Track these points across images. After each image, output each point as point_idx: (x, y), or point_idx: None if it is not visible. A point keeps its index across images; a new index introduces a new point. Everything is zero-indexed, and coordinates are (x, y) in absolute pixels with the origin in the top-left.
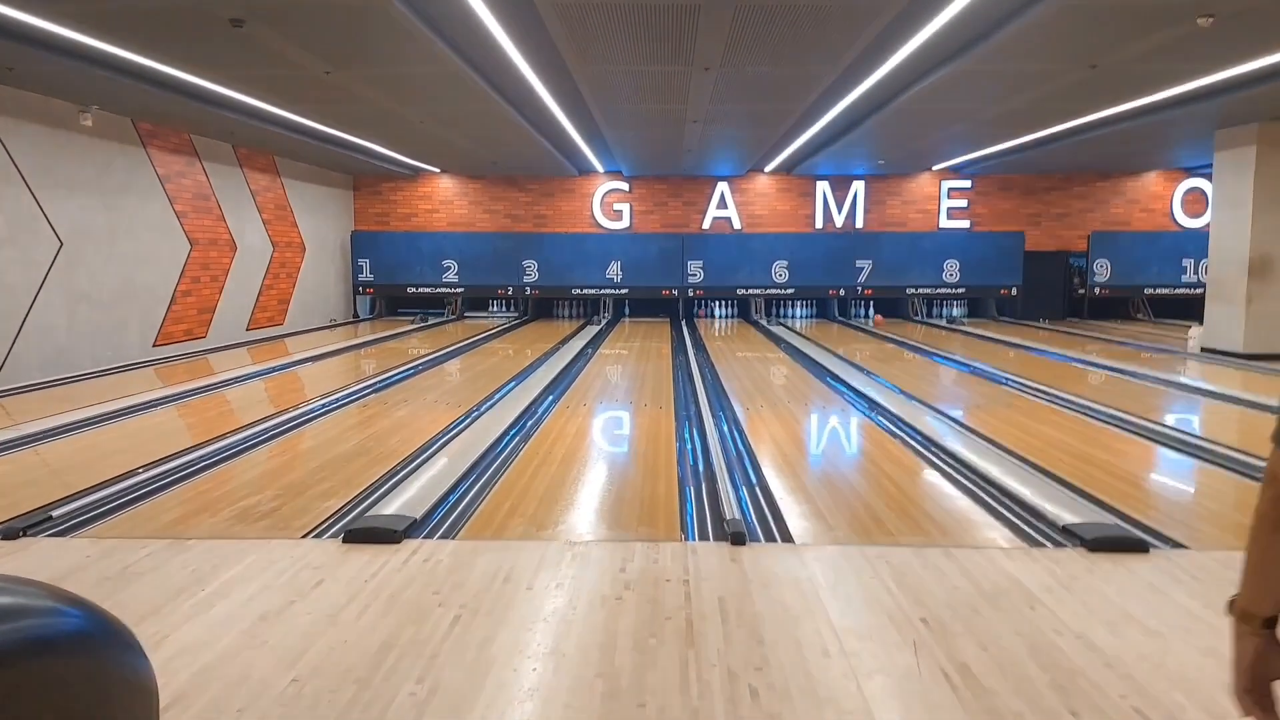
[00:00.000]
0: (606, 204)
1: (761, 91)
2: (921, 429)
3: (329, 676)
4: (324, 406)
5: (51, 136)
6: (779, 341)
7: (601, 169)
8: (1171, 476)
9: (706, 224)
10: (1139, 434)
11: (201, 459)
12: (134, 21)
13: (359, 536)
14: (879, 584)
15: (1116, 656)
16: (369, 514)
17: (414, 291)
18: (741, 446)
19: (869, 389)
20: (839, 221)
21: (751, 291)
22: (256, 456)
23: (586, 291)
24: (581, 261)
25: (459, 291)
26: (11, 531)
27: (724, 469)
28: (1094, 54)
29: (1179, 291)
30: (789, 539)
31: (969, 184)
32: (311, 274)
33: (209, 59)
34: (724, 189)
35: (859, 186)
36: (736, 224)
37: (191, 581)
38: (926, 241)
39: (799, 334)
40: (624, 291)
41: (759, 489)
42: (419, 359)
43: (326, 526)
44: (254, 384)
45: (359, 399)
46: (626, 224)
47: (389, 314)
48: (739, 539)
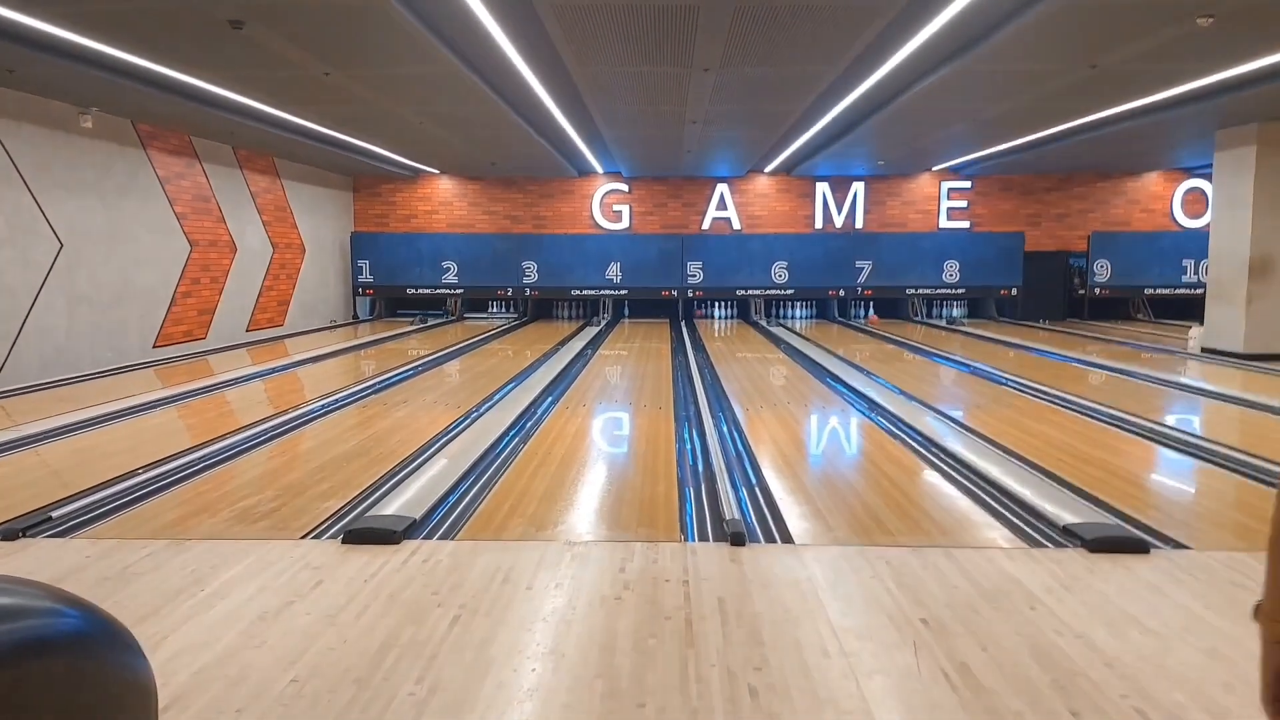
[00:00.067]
0: (606, 205)
1: (761, 92)
2: (921, 429)
3: (328, 677)
4: (323, 407)
5: (51, 138)
6: (779, 342)
7: (601, 170)
8: (1172, 477)
9: (706, 225)
10: (1139, 434)
11: (201, 460)
12: (133, 23)
13: (358, 537)
14: (879, 584)
15: (1117, 656)
16: (368, 514)
17: (413, 293)
18: (741, 447)
19: (869, 389)
20: (839, 222)
21: (751, 292)
22: (256, 457)
23: (586, 292)
24: (581, 262)
25: (458, 292)
26: (11, 532)
27: (723, 469)
28: (1094, 54)
29: (1179, 292)
30: (789, 539)
31: (969, 184)
32: (311, 275)
33: (208, 60)
34: (723, 190)
35: (859, 187)
36: (736, 225)
37: (191, 582)
38: (926, 242)
39: (799, 334)
40: (623, 292)
41: (758, 489)
42: (419, 360)
43: (326, 527)
44: (254, 385)
45: (359, 400)
46: (626, 225)
47: (388, 315)
48: (738, 539)
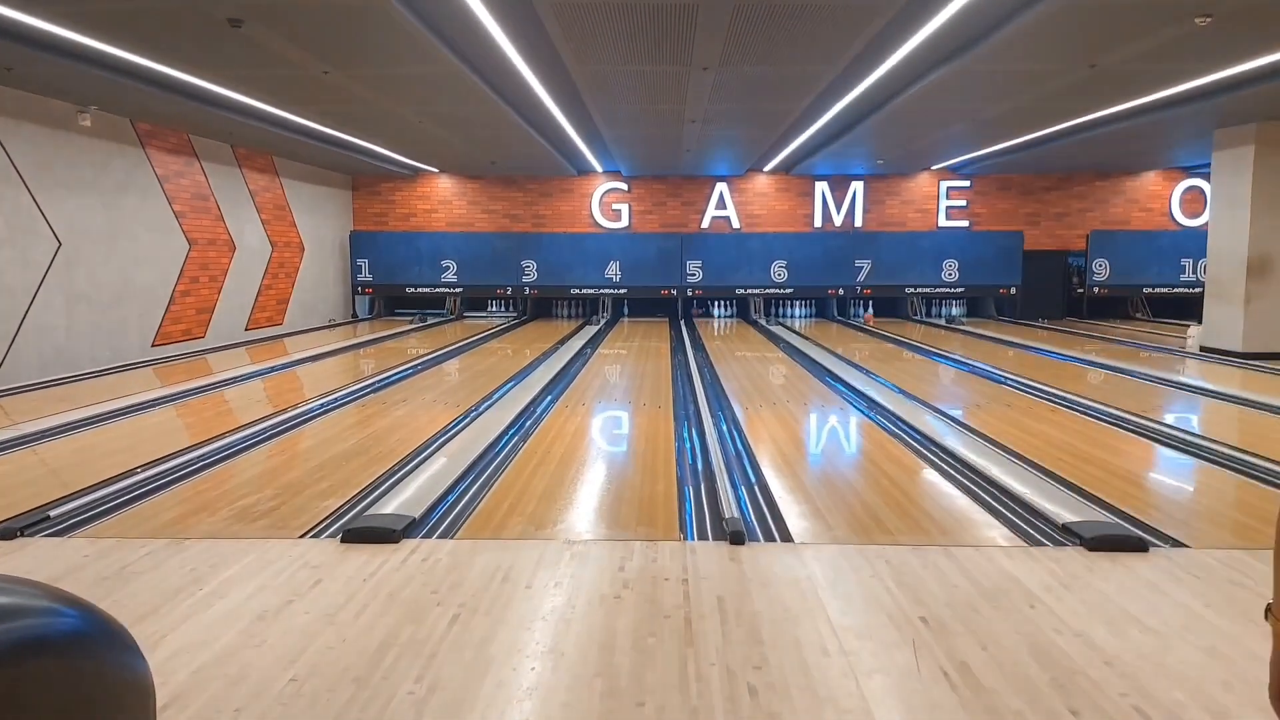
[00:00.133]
0: (605, 204)
1: (760, 91)
2: (921, 428)
3: (327, 676)
4: (323, 406)
5: (50, 137)
6: (778, 341)
7: (600, 169)
8: (1171, 475)
9: (705, 224)
10: (1138, 433)
11: (200, 459)
12: (132, 22)
13: (357, 536)
14: (878, 583)
15: (1116, 655)
16: (367, 513)
17: (413, 291)
18: (740, 446)
19: (868, 388)
20: (838, 221)
21: (750, 291)
22: (255, 456)
23: (585, 291)
24: (580, 261)
25: (458, 291)
26: (9, 531)
27: (723, 468)
28: (1093, 54)
29: (1178, 291)
30: (788, 538)
31: (968, 184)
32: (310, 274)
33: (207, 59)
34: (723, 189)
35: (858, 186)
36: (735, 224)
37: (189, 581)
38: (925, 241)
39: (798, 333)
40: (623, 291)
41: (758, 488)
42: (418, 359)
43: (325, 526)
44: (253, 384)
45: (358, 399)
46: (625, 224)
47: (388, 314)
48: (738, 538)
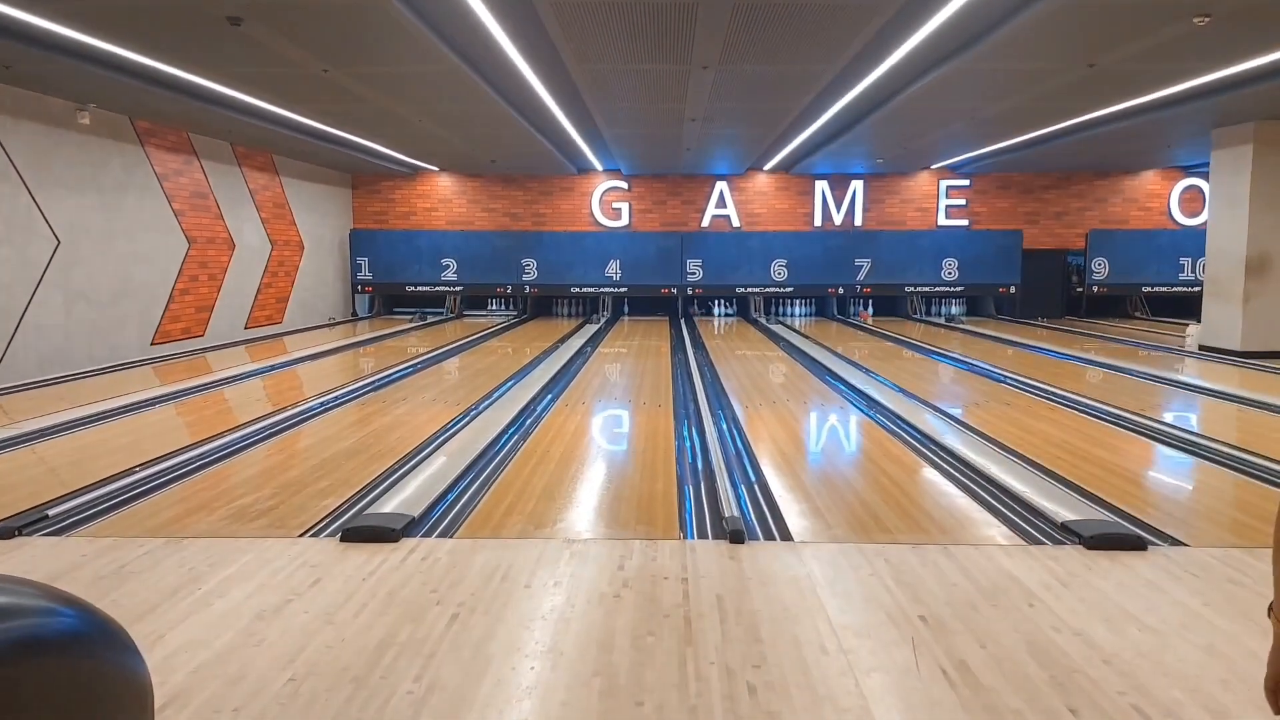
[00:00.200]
0: (605, 202)
1: (760, 90)
2: (920, 427)
3: (326, 675)
4: (322, 405)
5: (49, 135)
6: (778, 340)
7: (600, 167)
8: (1170, 474)
9: (705, 222)
10: (1137, 431)
11: (199, 457)
12: (132, 19)
13: (356, 535)
14: (877, 582)
15: (1115, 654)
16: (367, 512)
17: (413, 290)
18: (740, 445)
19: (868, 387)
20: (838, 220)
21: (750, 290)
22: (254, 455)
23: (585, 290)
24: (580, 260)
25: (458, 290)
26: (7, 530)
27: (723, 467)
28: (1092, 53)
29: (1176, 289)
30: (788, 537)
31: (967, 183)
32: (310, 272)
33: (207, 57)
34: (723, 188)
35: (857, 185)
36: (735, 222)
37: (188, 580)
38: (925, 240)
39: (798, 332)
40: (623, 290)
41: (758, 487)
42: (417, 357)
43: (324, 525)
44: (252, 382)
45: (357, 397)
46: (625, 222)
47: (387, 312)
48: (737, 537)
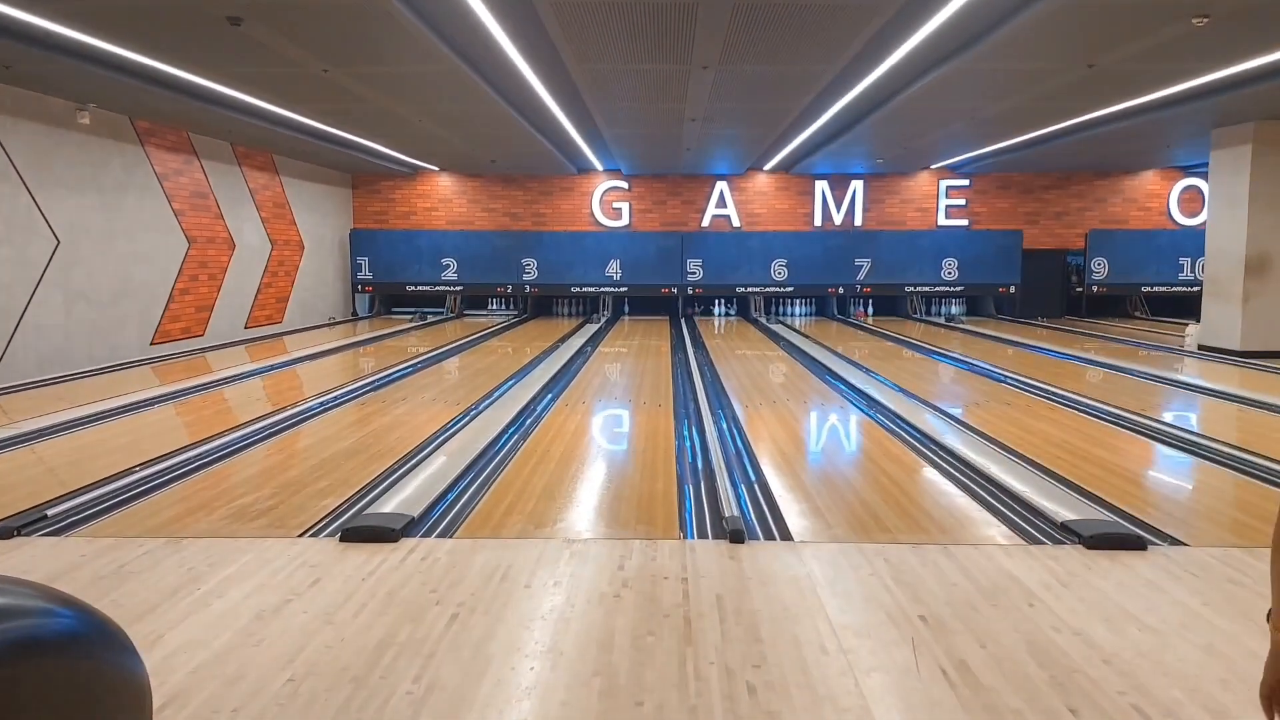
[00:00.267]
0: (606, 202)
1: (760, 90)
2: (920, 427)
3: (325, 675)
4: (322, 404)
5: (49, 134)
6: (778, 339)
7: (601, 167)
8: (1169, 474)
9: (706, 222)
10: (1137, 431)
11: (198, 457)
12: (132, 19)
13: (356, 535)
14: (877, 581)
15: (1115, 653)
16: (366, 512)
17: (413, 289)
18: (740, 444)
19: (868, 387)
20: (838, 220)
21: (751, 290)
22: (254, 455)
23: (586, 289)
24: (581, 259)
25: (458, 289)
26: (6, 530)
27: (723, 467)
28: (1091, 53)
29: (1176, 289)
30: (788, 536)
31: (967, 183)
32: (310, 272)
33: (207, 57)
34: (723, 187)
35: (857, 185)
36: (735, 222)
37: (187, 580)
38: (925, 240)
39: (798, 332)
40: (623, 289)
41: (758, 487)
42: (417, 357)
43: (324, 525)
44: (252, 382)
45: (357, 397)
46: (626, 222)
47: (387, 312)
48: (737, 537)
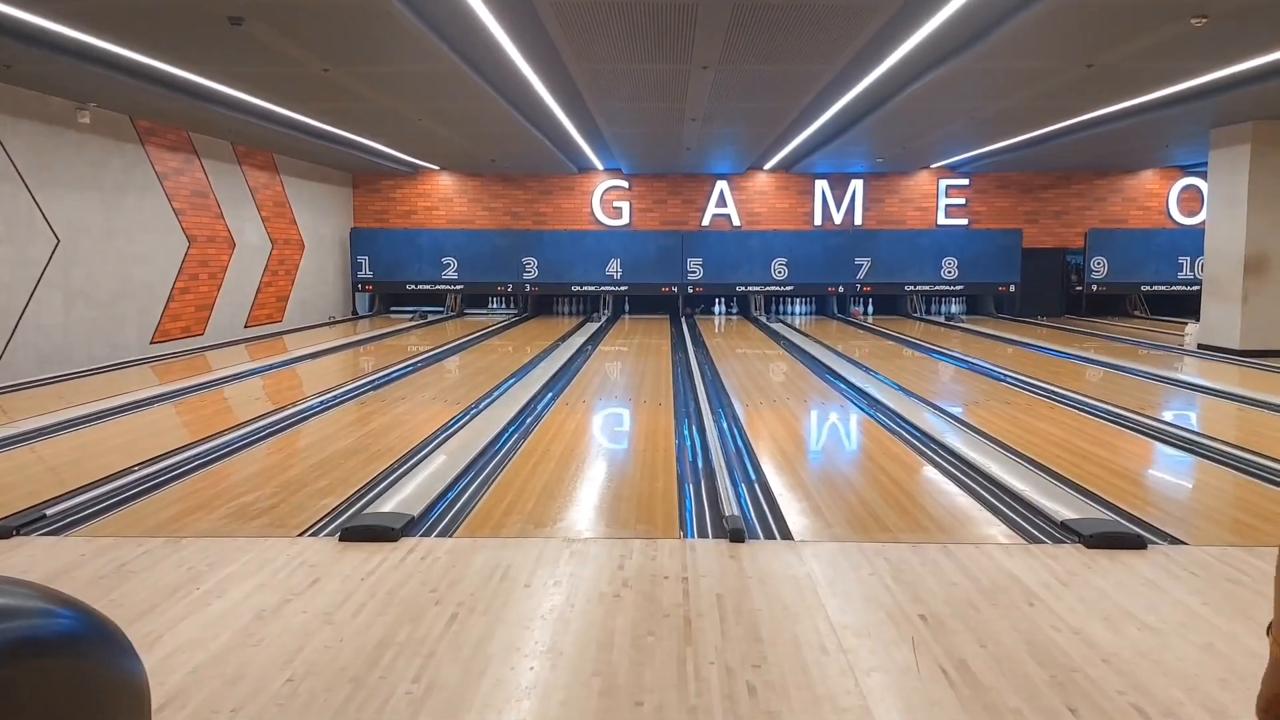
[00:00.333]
0: (606, 201)
1: (760, 90)
2: (920, 426)
3: (324, 675)
4: (322, 404)
5: (49, 134)
6: (778, 338)
7: (601, 166)
8: (1169, 473)
9: (706, 221)
10: (1137, 430)
11: (198, 456)
12: (132, 18)
13: (356, 534)
14: (877, 581)
15: (1114, 652)
16: (366, 511)
17: (413, 288)
18: (741, 443)
19: (868, 386)
20: (838, 219)
21: (751, 289)
22: (254, 454)
23: (586, 288)
24: (581, 259)
25: (458, 288)
26: (5, 530)
27: (723, 466)
28: (1091, 53)
29: (1175, 288)
30: (788, 536)
31: (967, 182)
32: (310, 271)
33: (207, 56)
34: (723, 187)
35: (857, 184)
36: (736, 221)
37: (187, 580)
38: (925, 239)
39: (798, 331)
40: (624, 288)
41: (758, 486)
42: (417, 356)
43: (323, 524)
44: (252, 381)
45: (357, 396)
46: (626, 221)
47: (387, 311)
48: (738, 536)
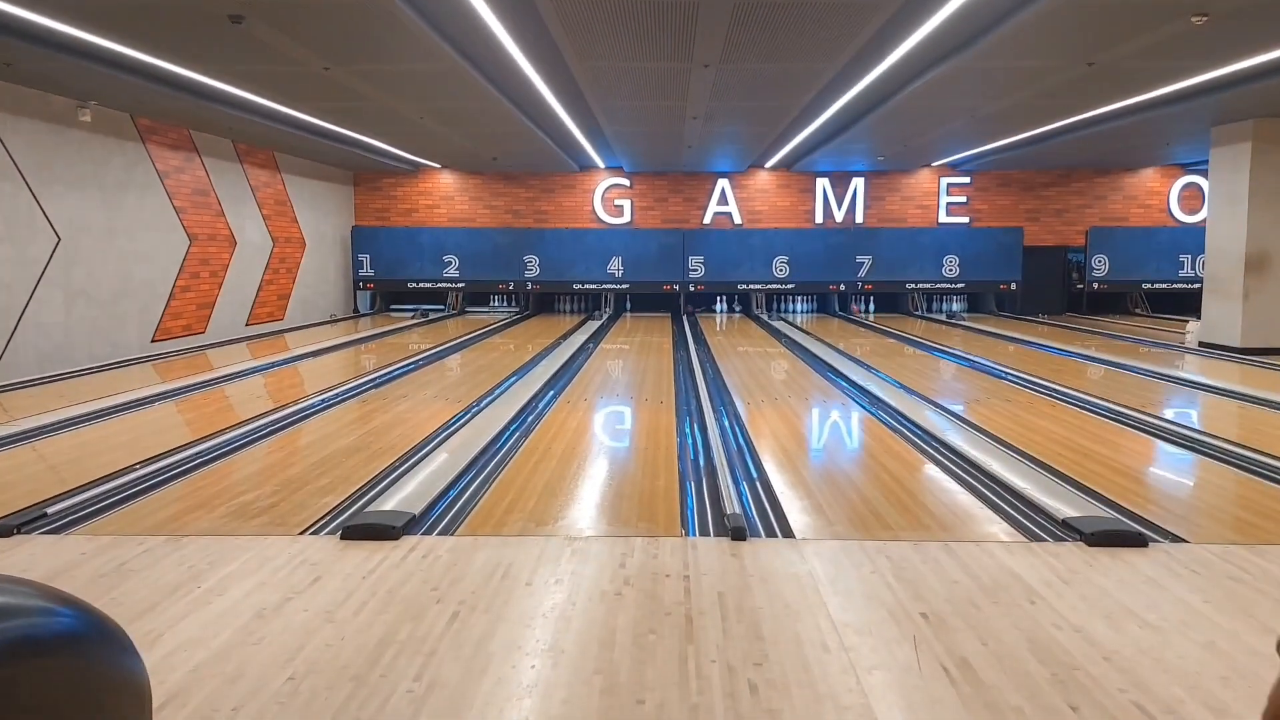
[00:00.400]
0: (607, 199)
1: (761, 88)
2: (921, 424)
3: (325, 674)
4: (323, 402)
5: (50, 132)
6: (779, 336)
7: (602, 165)
8: (1170, 471)
9: (707, 219)
10: (1138, 428)
11: (199, 455)
12: (133, 17)
13: (357, 533)
14: (879, 579)
15: (1115, 650)
16: (367, 510)
17: (415, 287)
18: (742, 441)
19: (869, 384)
20: (839, 217)
21: (752, 286)
22: (255, 452)
23: (588, 286)
24: (583, 257)
25: (460, 286)
26: (6, 528)
27: (724, 464)
28: (1091, 51)
29: (1176, 286)
30: (789, 534)
31: (968, 180)
32: (311, 269)
33: (208, 55)
34: (724, 185)
35: (858, 182)
36: (737, 219)
37: (188, 578)
38: (926, 237)
39: (799, 329)
40: (625, 286)
41: (759, 484)
42: (419, 354)
43: (325, 523)
44: (253, 379)
45: (358, 394)
46: (627, 219)
47: (387, 309)
48: (739, 534)
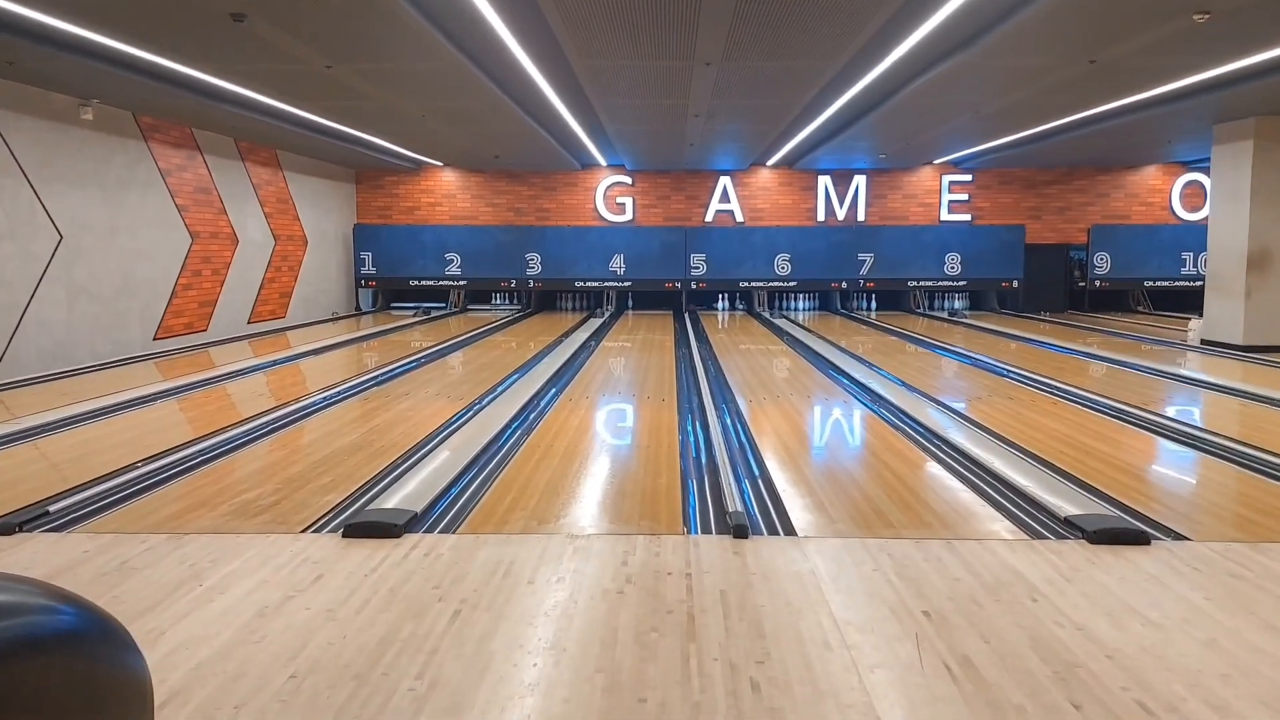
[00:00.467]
0: (609, 197)
1: (763, 86)
2: (923, 421)
3: (327, 672)
4: (325, 400)
5: (52, 130)
6: (781, 334)
7: (604, 162)
8: (1172, 468)
9: (709, 217)
10: (1140, 426)
11: (201, 453)
12: (135, 16)
13: (359, 531)
14: (880, 576)
15: (1118, 648)
16: (369, 508)
17: (417, 284)
18: (744, 439)
19: (871, 381)
20: (840, 215)
21: (754, 284)
22: (256, 450)
23: (589, 284)
24: (584, 254)
25: (462, 284)
26: (8, 526)
27: (726, 461)
28: (1093, 49)
29: (1178, 284)
30: (791, 532)
31: (970, 178)
32: (313, 267)
33: (210, 53)
34: (726, 183)
35: (860, 180)
36: (739, 217)
37: (189, 577)
38: (927, 235)
39: (801, 326)
40: (627, 284)
41: (761, 482)
42: (421, 352)
43: (326, 521)
44: (255, 377)
45: (360, 392)
46: (629, 217)
47: (388, 307)
48: (741, 531)
